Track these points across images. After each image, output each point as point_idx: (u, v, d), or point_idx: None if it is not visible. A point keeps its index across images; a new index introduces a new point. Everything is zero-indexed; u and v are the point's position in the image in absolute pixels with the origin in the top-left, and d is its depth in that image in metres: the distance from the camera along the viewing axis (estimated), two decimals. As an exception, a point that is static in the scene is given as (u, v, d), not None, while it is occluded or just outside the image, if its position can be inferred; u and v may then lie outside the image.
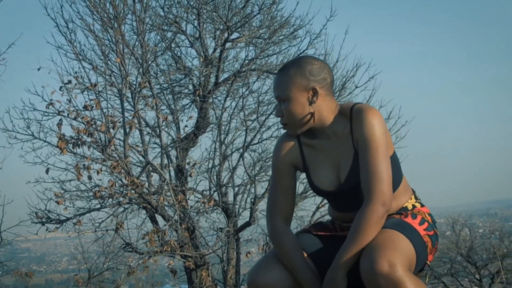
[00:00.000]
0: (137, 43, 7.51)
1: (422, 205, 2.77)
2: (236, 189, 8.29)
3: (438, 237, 2.70)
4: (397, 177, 2.65)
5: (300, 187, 8.43)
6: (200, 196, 8.10)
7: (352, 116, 2.55)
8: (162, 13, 8.16)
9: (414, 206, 2.73)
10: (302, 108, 2.58)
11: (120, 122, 7.13)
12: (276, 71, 8.36)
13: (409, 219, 2.62)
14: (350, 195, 2.63)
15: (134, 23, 7.64)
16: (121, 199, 7.29)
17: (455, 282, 18.11)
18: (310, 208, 8.65)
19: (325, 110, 2.60)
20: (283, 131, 2.79)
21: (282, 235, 2.67)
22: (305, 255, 2.66)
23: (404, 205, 2.71)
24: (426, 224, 2.64)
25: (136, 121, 7.27)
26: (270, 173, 8.24)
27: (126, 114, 7.26)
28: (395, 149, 2.71)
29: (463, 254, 18.21)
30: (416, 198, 2.78)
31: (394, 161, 2.64)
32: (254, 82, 8.46)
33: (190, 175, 7.96)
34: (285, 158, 2.73)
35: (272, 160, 2.76)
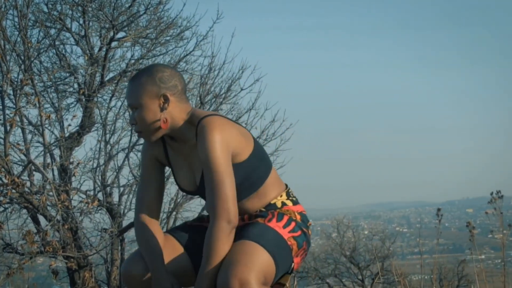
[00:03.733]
0: (19, 39, 7.35)
1: (294, 203, 2.81)
2: (121, 189, 8.24)
3: (306, 236, 2.74)
4: (261, 173, 2.72)
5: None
6: (84, 196, 8.00)
7: (197, 131, 2.61)
8: (46, 9, 8.02)
9: (284, 204, 2.77)
10: (153, 115, 2.64)
11: (0, 120, 6.96)
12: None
13: (273, 223, 2.66)
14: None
15: (16, 19, 7.48)
16: (1, 198, 7.11)
17: (339, 283, 18.60)
18: (196, 209, 8.70)
19: (176, 116, 2.67)
20: None
21: (143, 228, 2.75)
22: (178, 244, 2.77)
23: (272, 202, 2.76)
24: (292, 225, 2.69)
25: (17, 118, 7.11)
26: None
27: (7, 112, 7.09)
28: (258, 142, 2.79)
29: (347, 255, 18.73)
30: (288, 195, 2.81)
31: (257, 156, 2.71)
32: (141, 82, 8.42)
33: (74, 175, 7.84)
34: (151, 154, 2.82)
35: (140, 156, 2.86)
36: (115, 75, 8.36)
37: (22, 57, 7.19)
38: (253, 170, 2.68)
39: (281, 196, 2.79)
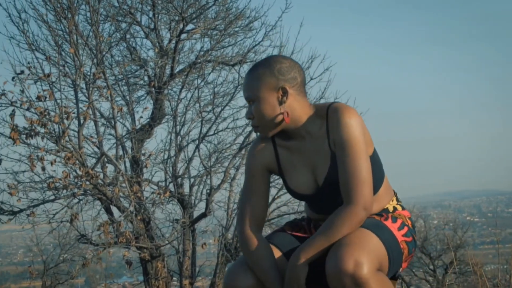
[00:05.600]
0: (91, 33, 7.46)
1: (403, 208, 2.67)
2: (192, 180, 8.29)
3: (416, 243, 2.61)
4: (378, 178, 2.56)
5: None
6: (155, 187, 8.09)
7: (328, 116, 2.46)
8: (116, 4, 8.13)
9: (395, 209, 2.63)
10: (272, 109, 2.49)
11: (74, 113, 7.08)
12: (231, 63, 8.42)
13: (388, 223, 2.52)
14: (329, 198, 2.53)
15: (88, 14, 7.59)
16: (75, 190, 7.24)
17: (410, 273, 18.38)
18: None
19: (297, 110, 2.51)
20: (239, 122, 2.75)
21: (251, 241, 2.55)
22: (280, 253, 2.57)
23: (385, 207, 2.61)
24: (405, 230, 2.55)
25: (90, 112, 7.23)
26: (226, 164, 8.30)
27: (80, 105, 7.21)
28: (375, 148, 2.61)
29: (417, 245, 18.48)
30: (397, 200, 2.68)
31: (375, 161, 2.55)
32: (210, 73, 8.47)
33: (146, 166, 7.94)
34: (259, 161, 2.63)
35: (246, 163, 2.66)
36: (185, 67, 8.41)
37: (94, 51, 7.30)
38: (374, 170, 2.50)
39: (392, 201, 2.64)
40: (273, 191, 8.54)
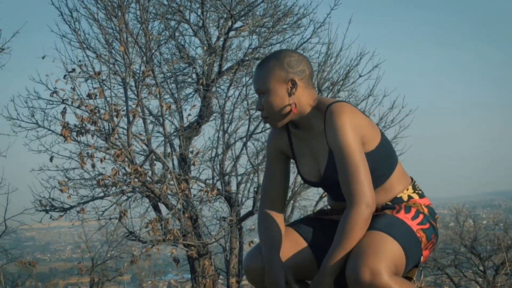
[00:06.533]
0: (140, 31, 7.51)
1: (421, 196, 2.73)
2: (239, 178, 8.29)
3: (435, 229, 2.67)
4: (386, 167, 2.65)
5: (302, 177, 8.41)
6: (203, 185, 8.10)
7: (325, 117, 2.55)
8: (165, 2, 8.16)
9: (410, 197, 2.69)
10: (281, 100, 2.59)
11: (123, 111, 7.14)
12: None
13: (401, 214, 2.59)
14: (333, 187, 2.65)
15: (138, 12, 7.65)
16: (124, 187, 7.30)
17: (459, 274, 18.09)
18: (314, 198, 8.65)
19: (304, 102, 2.62)
20: None
21: (264, 220, 2.74)
22: (302, 238, 2.72)
23: (399, 195, 2.69)
24: (420, 217, 2.61)
25: (139, 109, 7.28)
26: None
27: (130, 103, 7.26)
28: (385, 135, 2.70)
29: (467, 245, 18.17)
30: (414, 188, 2.74)
31: (384, 149, 2.64)
32: (258, 71, 8.43)
33: (193, 164, 7.96)
34: (274, 145, 2.78)
35: (265, 148, 2.81)
36: (233, 65, 8.41)
37: (144, 49, 7.34)
38: (380, 162, 2.60)
39: (407, 189, 2.70)
40: (320, 189, 8.50)
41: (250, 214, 8.07)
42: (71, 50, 8.56)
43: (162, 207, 7.84)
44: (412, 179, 2.79)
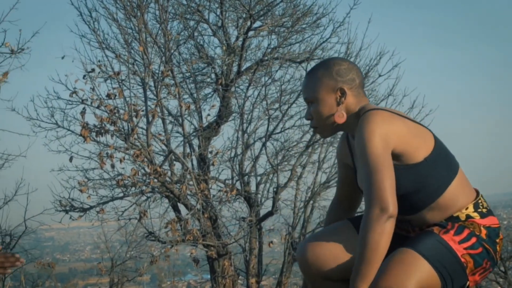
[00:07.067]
0: (160, 31, 7.51)
1: (483, 216, 2.52)
2: (259, 178, 8.26)
3: (489, 254, 2.48)
4: (440, 179, 2.49)
5: (322, 177, 8.41)
6: (222, 185, 8.08)
7: (358, 125, 2.48)
8: (184, 2, 8.16)
9: (468, 217, 2.50)
10: (330, 109, 2.54)
11: (143, 111, 7.14)
12: (298, 60, 8.35)
13: (448, 235, 2.43)
14: None
15: (157, 12, 7.65)
16: (144, 187, 7.30)
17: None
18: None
19: (352, 111, 2.56)
20: (305, 121, 2.80)
21: (328, 213, 2.84)
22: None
23: (455, 214, 2.51)
24: (472, 241, 2.44)
25: (158, 110, 7.27)
26: (292, 162, 8.29)
27: (149, 103, 7.26)
28: (442, 144, 2.55)
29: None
30: (476, 206, 2.53)
31: (438, 159, 2.49)
32: (277, 71, 8.42)
33: (213, 164, 7.94)
34: (339, 154, 2.79)
35: None
36: (252, 65, 8.39)
37: (163, 49, 7.33)
38: (430, 176, 2.45)
39: (467, 208, 2.51)
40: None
41: (269, 214, 8.04)
42: (91, 50, 8.60)
43: (181, 207, 7.84)
44: (478, 192, 2.60)
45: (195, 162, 8.10)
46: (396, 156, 2.44)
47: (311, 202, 8.44)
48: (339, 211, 2.81)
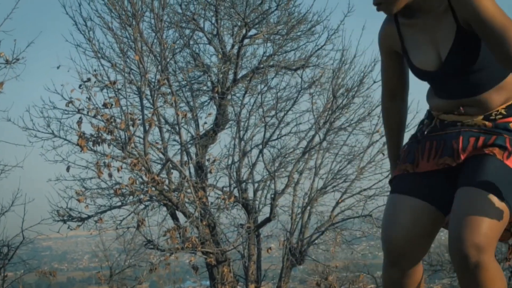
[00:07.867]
0: (155, 40, 7.53)
1: None
2: (256, 185, 8.29)
3: None
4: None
5: (319, 183, 8.44)
6: (220, 192, 8.11)
7: None
8: (179, 10, 8.19)
9: None
10: None
11: (139, 120, 7.15)
12: (294, 67, 8.39)
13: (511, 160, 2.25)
14: (453, 78, 2.37)
15: (152, 21, 7.67)
16: (141, 196, 7.31)
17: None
18: (330, 203, 8.64)
19: None
20: (302, 126, 2.72)
21: (385, 111, 2.68)
22: (415, 199, 2.41)
23: None
24: None
25: (155, 118, 7.30)
26: (289, 168, 8.31)
27: (146, 112, 7.29)
28: None
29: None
30: None
31: None
32: (272, 78, 8.48)
33: (210, 172, 7.97)
34: (384, 43, 2.55)
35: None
36: (248, 72, 8.42)
37: (159, 58, 7.36)
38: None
39: None
40: (337, 195, 8.50)
41: (267, 220, 8.07)
42: (86, 59, 8.59)
43: (179, 215, 7.85)
44: None
45: (192, 170, 8.13)
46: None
47: (309, 207, 8.47)
48: (398, 104, 2.67)
